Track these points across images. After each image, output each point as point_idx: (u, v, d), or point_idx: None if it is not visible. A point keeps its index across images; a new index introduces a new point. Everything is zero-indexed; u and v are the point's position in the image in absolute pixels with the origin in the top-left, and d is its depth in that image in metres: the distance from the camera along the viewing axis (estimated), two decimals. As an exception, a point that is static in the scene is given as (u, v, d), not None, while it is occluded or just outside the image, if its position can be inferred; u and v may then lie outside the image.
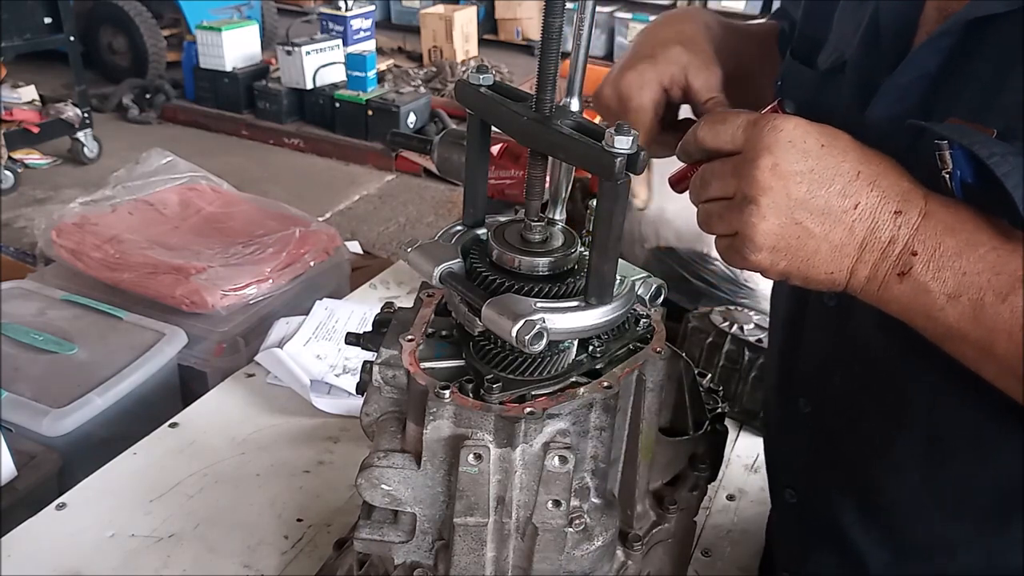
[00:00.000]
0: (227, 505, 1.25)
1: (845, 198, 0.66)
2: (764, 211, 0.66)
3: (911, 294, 0.66)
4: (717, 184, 0.70)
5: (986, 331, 0.64)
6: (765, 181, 0.65)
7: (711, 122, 0.71)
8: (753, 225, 0.66)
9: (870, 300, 0.69)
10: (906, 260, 0.65)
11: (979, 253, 0.64)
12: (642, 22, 8.19)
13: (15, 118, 4.94)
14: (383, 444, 0.75)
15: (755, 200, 0.66)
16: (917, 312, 0.67)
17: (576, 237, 0.78)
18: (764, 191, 0.65)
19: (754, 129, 0.67)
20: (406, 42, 8.17)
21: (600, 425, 0.73)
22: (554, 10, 0.66)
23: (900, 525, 0.87)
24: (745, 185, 0.66)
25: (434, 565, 0.77)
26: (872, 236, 0.66)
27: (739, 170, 0.67)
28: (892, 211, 0.66)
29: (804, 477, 0.99)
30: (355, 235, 4.55)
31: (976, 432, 0.77)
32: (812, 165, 0.65)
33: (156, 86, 6.35)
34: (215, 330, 1.88)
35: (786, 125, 0.66)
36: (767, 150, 0.66)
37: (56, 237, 2.07)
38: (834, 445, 0.92)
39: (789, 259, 0.67)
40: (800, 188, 0.65)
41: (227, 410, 1.48)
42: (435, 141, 1.21)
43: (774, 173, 0.65)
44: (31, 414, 1.52)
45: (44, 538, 1.16)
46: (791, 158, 0.65)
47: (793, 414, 0.96)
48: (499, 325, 0.67)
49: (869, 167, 0.66)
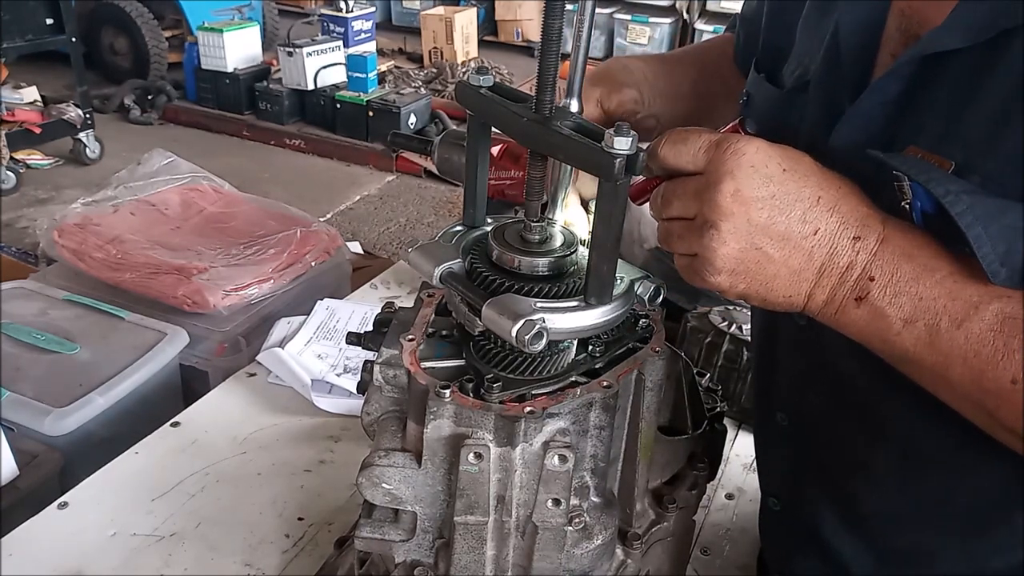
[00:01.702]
0: (228, 504, 1.26)
1: (805, 224, 0.65)
2: (725, 236, 0.65)
3: (867, 318, 0.66)
4: (678, 204, 0.70)
5: (941, 356, 0.64)
6: (727, 207, 0.65)
7: (672, 140, 0.70)
8: (713, 249, 0.66)
9: (827, 323, 0.70)
10: (863, 285, 0.66)
11: (936, 279, 0.64)
12: (641, 23, 8.21)
13: (17, 119, 4.94)
14: (384, 443, 0.76)
15: (716, 225, 0.65)
16: (873, 336, 0.67)
17: (576, 237, 0.78)
18: (725, 216, 0.65)
19: (716, 151, 0.66)
20: (407, 43, 8.18)
21: (600, 424, 0.73)
22: (554, 12, 0.67)
23: (880, 533, 0.87)
24: (707, 209, 0.66)
25: (435, 563, 0.77)
26: (830, 261, 0.66)
27: (701, 194, 0.67)
28: (851, 236, 0.65)
29: (786, 486, 0.99)
30: (356, 235, 4.56)
31: (951, 447, 0.76)
32: (774, 191, 0.65)
33: (158, 87, 6.36)
34: (216, 330, 1.88)
35: (748, 149, 0.66)
36: (729, 175, 0.65)
37: (58, 237, 2.08)
38: (813, 457, 0.93)
39: (748, 282, 0.68)
40: (761, 214, 0.65)
41: (228, 409, 1.48)
42: (435, 142, 1.21)
43: (736, 199, 0.65)
44: (33, 413, 1.52)
45: (46, 537, 1.17)
46: (753, 184, 0.65)
47: (773, 427, 0.97)
48: (499, 325, 0.67)
49: (829, 192, 0.66)
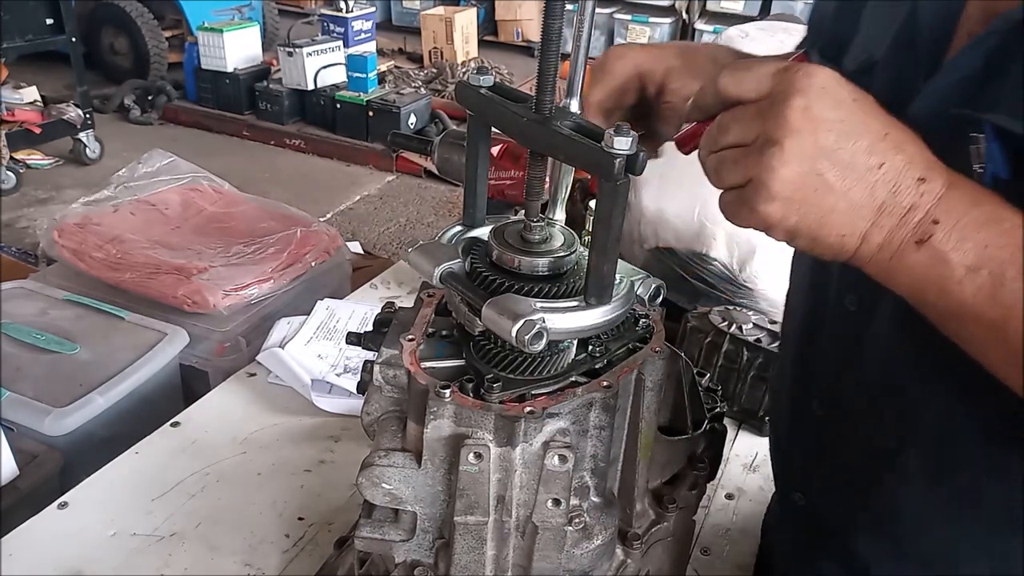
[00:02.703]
0: (228, 504, 1.26)
1: (871, 155, 0.62)
2: (787, 155, 0.61)
3: (927, 264, 0.63)
4: (737, 128, 0.65)
5: (1003, 309, 0.61)
6: (795, 122, 0.61)
7: (735, 68, 0.66)
8: (772, 169, 0.62)
9: (878, 270, 0.65)
10: (926, 228, 0.62)
11: (1003, 228, 0.61)
12: (642, 23, 8.21)
13: (17, 119, 4.94)
14: (384, 443, 0.76)
15: (779, 142, 0.61)
16: (931, 284, 0.63)
17: (575, 237, 0.78)
18: (791, 133, 0.61)
19: (785, 74, 0.63)
20: (407, 43, 8.18)
21: (600, 424, 0.73)
22: (554, 12, 0.67)
23: (905, 533, 0.86)
24: (772, 126, 0.62)
25: (435, 564, 0.77)
26: (892, 200, 0.62)
27: (765, 112, 0.63)
28: (916, 177, 0.62)
29: (813, 480, 0.98)
30: (356, 235, 4.56)
31: (985, 447, 0.75)
32: (843, 115, 0.62)
33: (158, 87, 6.36)
34: (217, 330, 1.88)
35: (819, 72, 0.63)
36: (800, 92, 0.61)
37: (58, 237, 2.08)
38: (844, 449, 0.91)
39: (802, 214, 0.63)
40: (828, 137, 0.61)
41: (229, 409, 1.48)
42: (435, 142, 1.22)
43: (805, 115, 0.61)
44: (33, 413, 1.52)
45: (46, 537, 1.17)
46: (824, 104, 0.61)
47: (806, 416, 0.95)
48: (499, 325, 0.67)
49: (897, 131, 0.63)
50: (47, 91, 5.36)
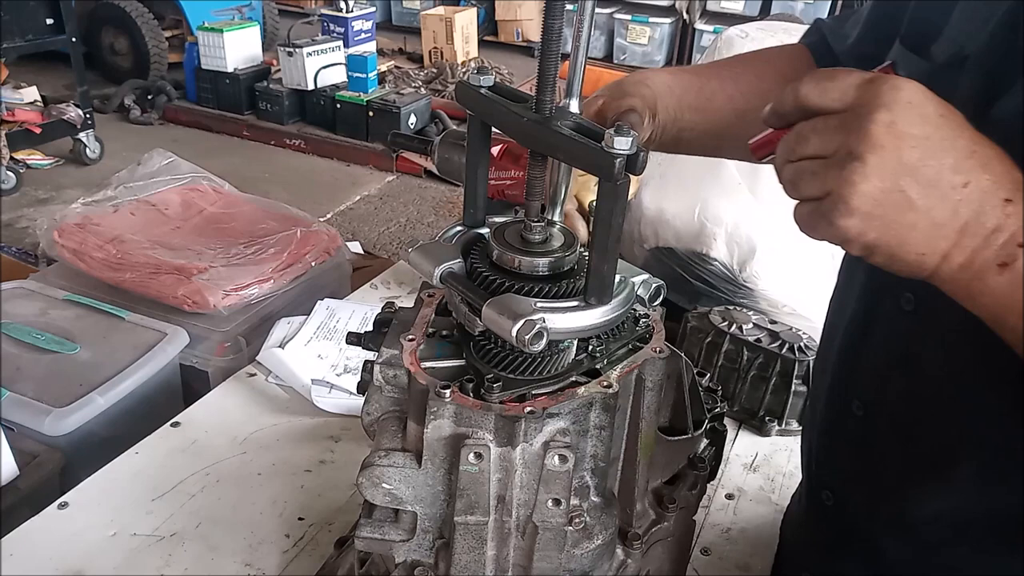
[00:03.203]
0: (229, 504, 1.26)
1: (956, 173, 0.60)
2: (869, 170, 0.59)
3: (1010, 287, 0.61)
4: (817, 140, 0.63)
5: None
6: (878, 138, 0.59)
7: (819, 77, 0.64)
8: (853, 184, 0.60)
9: (956, 290, 0.64)
10: (1011, 251, 0.60)
11: None
12: (642, 23, 8.21)
13: (17, 119, 4.94)
14: (384, 443, 0.76)
15: (861, 157, 0.60)
16: (1011, 308, 0.62)
17: (575, 237, 0.78)
18: (874, 148, 0.59)
19: (871, 86, 0.61)
20: (407, 43, 8.18)
21: (600, 424, 0.73)
22: (554, 12, 0.67)
23: (937, 540, 0.84)
24: (854, 140, 0.60)
25: (435, 564, 0.77)
26: (976, 221, 0.60)
27: (848, 124, 0.61)
28: (1002, 198, 0.60)
29: (845, 480, 0.96)
30: (356, 235, 4.56)
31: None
32: (929, 132, 0.60)
33: (158, 87, 6.36)
34: (217, 330, 1.88)
35: (906, 86, 0.61)
36: (885, 107, 0.60)
37: (58, 237, 2.08)
38: (881, 452, 0.89)
39: (881, 231, 0.61)
40: (913, 153, 0.59)
41: (229, 409, 1.48)
42: (435, 142, 1.22)
43: (890, 131, 0.59)
44: (33, 413, 1.52)
45: (46, 537, 1.17)
46: (910, 119, 0.60)
47: (844, 416, 0.94)
48: (499, 325, 0.67)
49: (984, 149, 0.62)
50: (47, 91, 5.36)
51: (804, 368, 1.45)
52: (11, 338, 1.72)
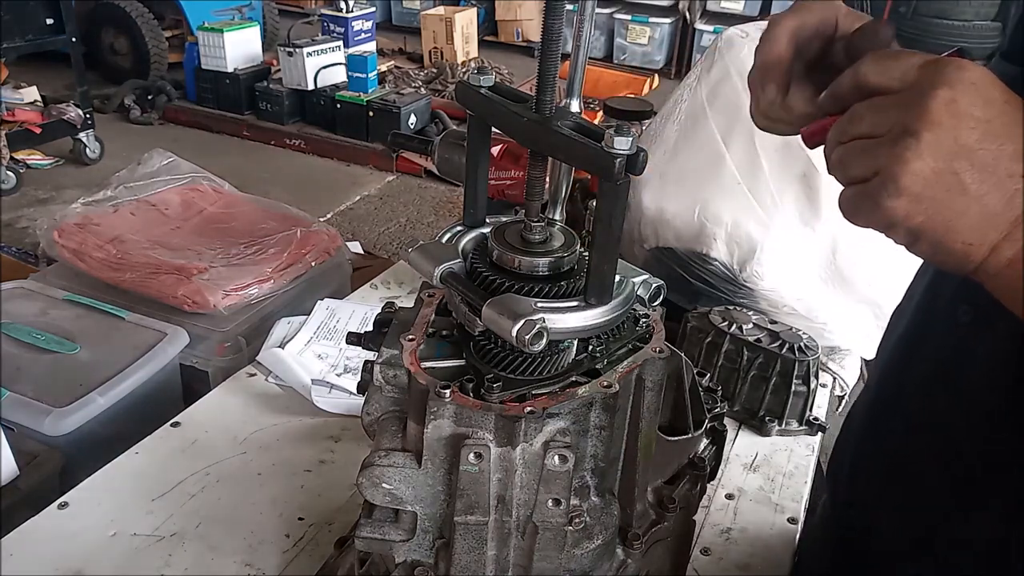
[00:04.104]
0: (229, 504, 1.26)
1: (1015, 162, 0.57)
2: (923, 148, 0.57)
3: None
4: (871, 117, 0.61)
5: None
6: (936, 114, 0.57)
7: (880, 57, 0.62)
8: (905, 161, 0.57)
9: (1001, 287, 0.61)
10: None
11: None
12: (642, 23, 8.21)
13: (17, 119, 4.94)
14: (384, 443, 0.76)
15: (916, 133, 0.57)
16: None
17: (576, 237, 0.78)
18: (931, 125, 0.57)
19: (935, 65, 0.59)
20: (407, 43, 8.18)
21: (600, 424, 0.73)
22: (554, 12, 0.67)
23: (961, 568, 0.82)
24: (910, 116, 0.58)
25: (435, 564, 0.77)
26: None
27: (906, 101, 0.59)
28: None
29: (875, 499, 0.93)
30: (356, 235, 4.56)
31: None
32: (991, 115, 0.57)
33: (158, 87, 6.36)
34: (217, 330, 1.88)
35: (972, 67, 0.58)
36: (948, 84, 0.57)
37: (58, 237, 2.08)
38: (917, 472, 0.86)
39: (929, 214, 0.58)
40: (972, 135, 0.57)
41: (229, 409, 1.48)
42: (436, 142, 1.22)
43: (949, 109, 0.57)
44: (33, 413, 1.52)
45: (46, 537, 1.17)
46: (972, 99, 0.57)
47: (881, 432, 0.91)
48: (499, 325, 0.67)
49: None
50: (47, 91, 5.36)
51: (804, 368, 1.45)
52: (11, 338, 1.72)
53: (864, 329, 1.74)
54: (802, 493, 1.36)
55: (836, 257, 1.69)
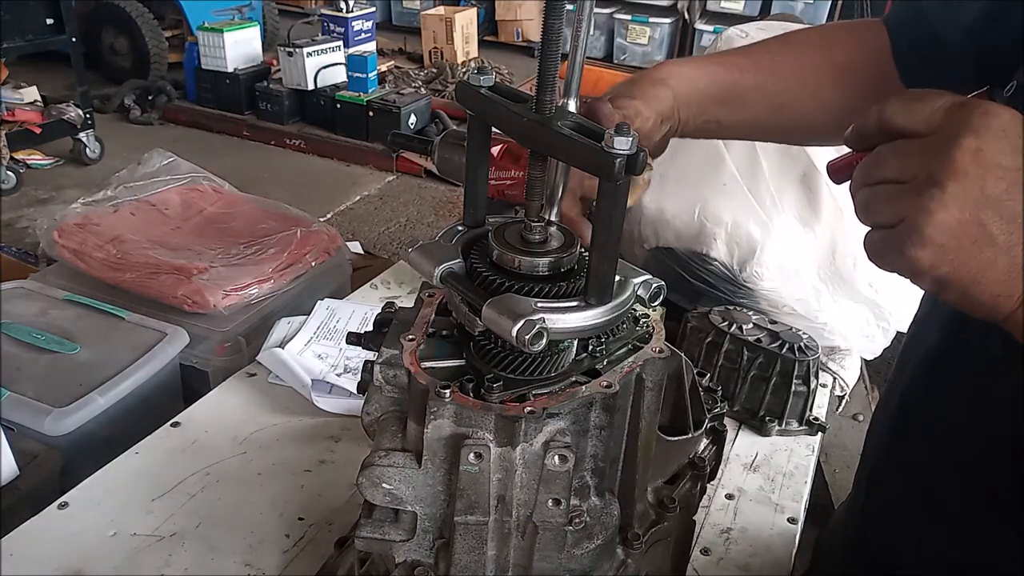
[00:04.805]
0: (229, 504, 1.26)
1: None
2: (948, 198, 0.55)
3: None
4: (896, 162, 0.59)
5: None
6: (962, 164, 0.55)
7: (905, 99, 0.60)
8: (929, 212, 0.56)
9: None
10: None
11: None
12: (642, 23, 8.21)
13: (17, 119, 4.95)
14: (384, 443, 0.76)
15: (941, 184, 0.55)
16: None
17: (575, 237, 0.78)
18: (956, 175, 0.55)
19: (961, 110, 0.57)
20: (407, 43, 8.18)
21: (600, 424, 0.73)
22: (554, 12, 0.67)
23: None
24: (935, 165, 0.56)
25: (435, 564, 0.77)
26: None
27: (931, 148, 0.57)
28: None
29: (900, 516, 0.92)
30: (356, 235, 4.56)
31: None
32: (1020, 163, 0.55)
33: (158, 87, 6.36)
34: (217, 330, 1.88)
35: (1001, 112, 0.56)
36: (973, 132, 0.56)
37: (58, 237, 2.08)
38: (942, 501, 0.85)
39: (954, 265, 0.57)
40: (999, 185, 0.55)
41: (229, 410, 1.48)
42: (436, 142, 1.22)
43: (975, 159, 0.55)
44: (33, 413, 1.52)
45: (46, 537, 1.17)
46: (999, 148, 0.55)
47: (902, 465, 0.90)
48: (499, 325, 0.67)
49: None
50: (47, 91, 5.36)
51: (804, 368, 1.45)
52: (11, 338, 1.72)
53: (864, 329, 1.74)
54: (802, 493, 1.36)
55: (836, 257, 1.70)
